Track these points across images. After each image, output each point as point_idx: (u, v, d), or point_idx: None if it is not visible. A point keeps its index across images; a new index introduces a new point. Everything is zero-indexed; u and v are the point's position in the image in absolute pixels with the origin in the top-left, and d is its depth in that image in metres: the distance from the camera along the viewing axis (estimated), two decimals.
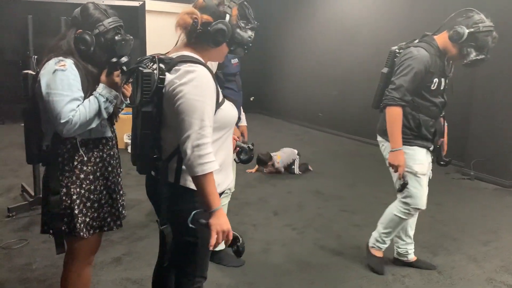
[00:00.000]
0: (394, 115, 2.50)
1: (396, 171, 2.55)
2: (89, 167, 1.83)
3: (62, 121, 1.67)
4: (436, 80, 2.52)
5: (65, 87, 1.69)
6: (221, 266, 2.83)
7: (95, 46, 1.77)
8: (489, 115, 4.98)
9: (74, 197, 1.79)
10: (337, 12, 7.63)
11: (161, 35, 8.80)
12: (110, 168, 1.92)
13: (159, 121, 1.54)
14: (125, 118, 2.88)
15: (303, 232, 3.47)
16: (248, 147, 1.94)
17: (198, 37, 1.57)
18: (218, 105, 1.55)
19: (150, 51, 9.18)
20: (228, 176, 1.69)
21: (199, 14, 1.54)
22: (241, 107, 2.83)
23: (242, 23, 1.59)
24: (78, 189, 1.80)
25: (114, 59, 1.77)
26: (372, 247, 2.85)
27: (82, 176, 1.81)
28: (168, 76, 1.49)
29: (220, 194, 1.62)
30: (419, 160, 2.58)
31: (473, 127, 5.18)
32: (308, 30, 8.19)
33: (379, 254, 2.84)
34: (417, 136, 2.57)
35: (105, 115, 1.78)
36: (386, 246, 2.81)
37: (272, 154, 5.18)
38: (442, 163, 2.78)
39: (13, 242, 3.03)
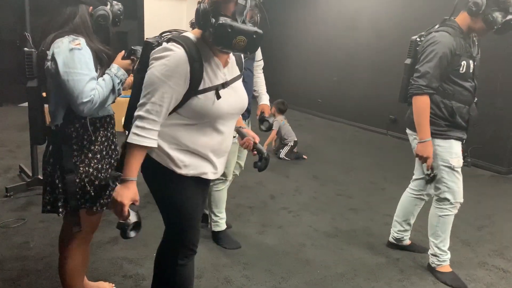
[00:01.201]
0: (422, 104, 2.39)
1: (424, 162, 2.47)
2: (97, 146, 1.84)
3: (85, 100, 1.67)
4: (464, 62, 2.40)
5: (83, 66, 1.68)
6: (218, 247, 2.86)
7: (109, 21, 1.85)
8: (487, 103, 4.97)
9: (83, 176, 1.80)
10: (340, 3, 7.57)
11: (160, 17, 8.78)
12: (113, 147, 1.94)
13: None
14: (123, 101, 2.88)
15: (298, 215, 3.50)
16: (266, 154, 1.86)
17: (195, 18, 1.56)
18: (195, 92, 1.52)
19: (148, 33, 9.15)
20: (203, 165, 1.63)
21: None
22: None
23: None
24: (86, 168, 1.81)
25: (135, 48, 1.86)
26: (439, 265, 2.63)
27: (90, 155, 1.82)
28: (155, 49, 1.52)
29: (196, 178, 1.63)
30: (456, 153, 2.48)
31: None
32: (309, 16, 8.12)
33: (447, 269, 2.62)
34: (452, 127, 2.46)
35: (117, 95, 1.83)
36: (448, 256, 2.62)
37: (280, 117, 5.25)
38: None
39: (11, 221, 3.05)
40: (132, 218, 1.53)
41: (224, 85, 1.59)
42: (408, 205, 2.81)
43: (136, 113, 1.48)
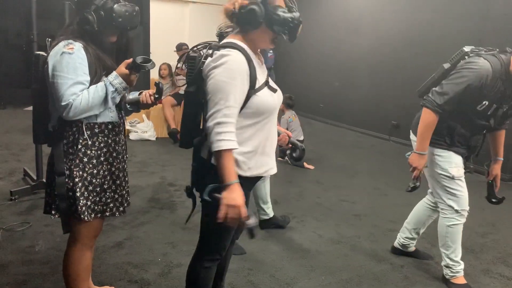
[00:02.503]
0: (430, 119, 2.34)
1: (412, 171, 2.47)
2: (93, 151, 1.83)
3: (63, 103, 1.68)
4: (486, 103, 2.29)
5: (70, 70, 1.69)
6: None
7: (98, 24, 1.75)
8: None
9: (77, 179, 1.80)
10: (340, 4, 7.59)
11: (164, 21, 8.81)
12: (115, 154, 1.92)
13: (203, 101, 1.64)
14: None
15: (302, 220, 3.50)
16: (301, 146, 2.00)
17: (238, 21, 1.64)
18: (254, 91, 1.62)
19: (154, 39, 9.18)
20: (265, 163, 1.72)
21: (239, 0, 1.63)
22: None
23: (285, 7, 1.64)
24: (80, 172, 1.81)
25: (140, 61, 1.76)
26: (453, 276, 2.59)
27: (85, 159, 1.82)
28: (207, 60, 1.60)
29: (255, 178, 1.71)
30: (455, 163, 2.45)
31: None
32: (311, 21, 8.15)
33: (462, 280, 2.58)
34: (451, 144, 2.45)
35: (111, 104, 1.79)
36: (462, 266, 2.58)
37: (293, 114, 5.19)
38: (493, 200, 2.68)
39: (16, 225, 3.06)
40: (252, 217, 1.56)
41: (267, 82, 1.71)
42: (422, 215, 2.79)
43: (212, 122, 1.53)
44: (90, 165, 1.83)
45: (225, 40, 1.67)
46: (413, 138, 2.67)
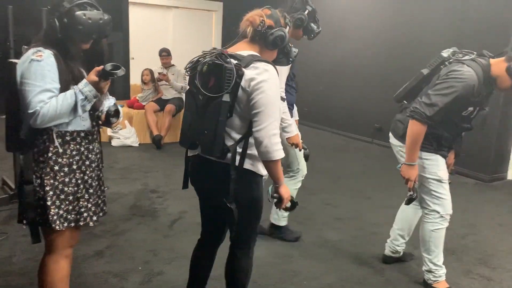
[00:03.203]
0: (419, 131, 2.32)
1: (406, 183, 2.46)
2: (65, 159, 1.80)
3: (30, 111, 1.66)
4: (471, 109, 2.34)
5: (38, 78, 1.67)
6: None
7: (62, 31, 1.72)
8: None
9: (47, 188, 1.76)
10: (324, 8, 7.64)
11: (145, 27, 8.76)
12: (88, 162, 1.89)
13: (237, 110, 1.75)
14: None
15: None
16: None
17: (261, 36, 1.82)
18: None
19: (135, 44, 9.09)
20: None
21: (265, 18, 1.82)
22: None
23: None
24: (51, 181, 1.77)
25: (109, 68, 1.71)
26: (435, 281, 2.58)
27: (56, 167, 1.78)
28: (247, 72, 1.70)
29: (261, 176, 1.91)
30: (442, 166, 2.49)
31: None
32: None
33: (444, 285, 2.58)
34: (437, 148, 2.47)
35: (80, 112, 1.75)
36: (444, 270, 2.59)
37: None
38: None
39: None
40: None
41: None
42: (411, 217, 2.79)
43: (268, 133, 1.70)
44: (62, 173, 1.80)
45: (243, 51, 1.80)
46: (393, 141, 2.68)
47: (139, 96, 6.31)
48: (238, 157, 1.79)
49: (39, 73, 1.68)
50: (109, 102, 2.00)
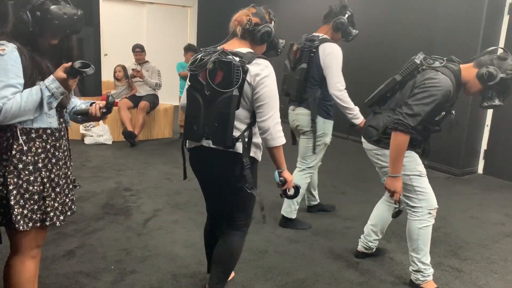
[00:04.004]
0: (403, 143, 2.30)
1: (391, 195, 2.44)
2: (29, 157, 1.74)
3: None
4: (443, 113, 2.38)
5: (0, 73, 1.60)
6: (178, 256, 2.82)
7: (33, 25, 1.66)
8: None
9: (11, 187, 1.69)
10: (300, 9, 7.66)
11: (118, 22, 8.62)
12: (54, 160, 1.82)
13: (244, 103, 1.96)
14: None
15: (260, 221, 3.49)
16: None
17: (250, 33, 2.02)
18: None
19: (108, 40, 8.92)
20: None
21: (252, 16, 2.02)
22: None
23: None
24: (15, 179, 1.71)
25: (78, 66, 1.64)
26: (424, 281, 2.55)
27: (20, 166, 1.71)
28: (251, 68, 1.90)
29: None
30: (419, 161, 2.50)
31: None
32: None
33: (432, 285, 2.56)
34: (411, 146, 2.42)
35: (46, 109, 1.69)
36: (432, 270, 2.57)
37: None
38: None
39: None
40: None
41: None
42: (387, 215, 2.80)
43: (272, 122, 1.94)
44: (26, 172, 1.73)
45: (239, 48, 2.00)
46: (367, 146, 2.65)
47: (112, 92, 6.20)
48: (246, 146, 2.00)
49: (2, 68, 1.61)
50: (80, 102, 1.96)
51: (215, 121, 1.93)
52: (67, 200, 1.91)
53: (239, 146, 1.99)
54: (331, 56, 3.11)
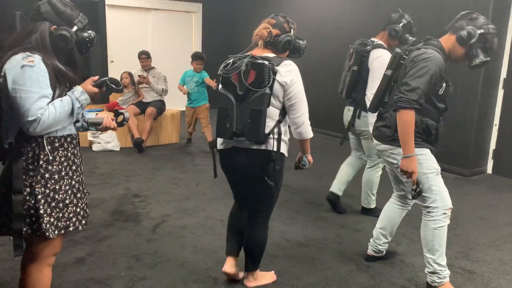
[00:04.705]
0: (409, 118, 2.32)
1: (409, 177, 2.40)
2: (54, 166, 1.78)
3: (30, 118, 1.62)
4: (444, 85, 2.41)
5: (33, 84, 1.64)
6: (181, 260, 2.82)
7: (72, 43, 1.79)
8: (450, 107, 5.13)
9: (39, 197, 1.73)
10: (301, 8, 7.67)
11: (124, 30, 8.68)
12: (74, 167, 1.88)
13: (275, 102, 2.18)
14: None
15: (269, 225, 3.47)
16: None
17: (271, 44, 2.24)
18: None
19: (113, 47, 9.00)
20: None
21: (272, 29, 2.22)
22: None
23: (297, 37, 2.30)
24: (43, 189, 1.75)
25: (113, 86, 1.87)
26: (440, 283, 2.50)
27: (47, 175, 1.76)
28: (281, 70, 2.13)
29: None
30: (434, 158, 2.48)
31: None
32: None
33: (449, 287, 2.51)
34: (425, 140, 2.46)
35: (75, 119, 1.81)
36: (448, 271, 2.52)
37: None
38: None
39: None
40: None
41: None
42: (395, 217, 2.79)
43: (304, 117, 2.23)
44: (52, 181, 1.77)
45: (266, 54, 2.21)
46: (381, 148, 2.61)
47: (119, 99, 6.24)
48: (276, 143, 2.20)
49: (35, 79, 1.65)
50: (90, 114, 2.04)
51: (248, 118, 2.13)
52: (84, 205, 1.96)
53: (269, 143, 2.20)
54: (378, 60, 3.29)
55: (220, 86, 2.26)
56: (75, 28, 1.81)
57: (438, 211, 2.46)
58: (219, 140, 2.34)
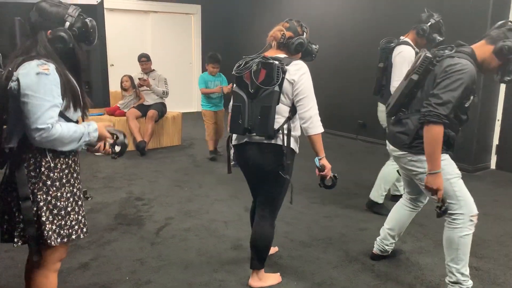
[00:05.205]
0: (438, 134, 2.18)
1: (433, 194, 2.28)
2: (56, 174, 1.77)
3: (40, 126, 1.61)
4: (472, 97, 2.28)
5: (47, 92, 1.63)
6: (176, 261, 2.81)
7: (72, 41, 1.76)
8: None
9: (41, 204, 1.73)
10: (302, 7, 7.66)
11: (123, 33, 8.68)
12: (75, 175, 1.87)
13: (284, 98, 2.27)
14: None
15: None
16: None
17: (284, 46, 2.35)
18: None
19: (113, 51, 9.00)
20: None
21: (285, 31, 2.34)
22: None
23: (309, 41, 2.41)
24: (44, 196, 1.74)
25: (125, 140, 1.99)
26: None
27: (48, 182, 1.75)
28: (290, 68, 2.22)
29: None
30: (454, 164, 2.38)
31: None
32: (273, 26, 8.19)
33: None
34: (446, 149, 2.35)
35: (76, 148, 1.78)
36: (471, 282, 2.41)
37: None
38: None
39: None
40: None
41: None
42: (405, 219, 2.76)
43: (312, 112, 2.27)
44: (54, 188, 1.76)
45: (277, 55, 2.31)
46: (399, 153, 2.47)
47: (120, 103, 6.23)
48: (285, 138, 2.27)
49: (48, 88, 1.64)
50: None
51: (258, 114, 2.23)
52: (84, 212, 1.95)
53: (279, 138, 2.28)
54: (400, 56, 3.38)
55: (234, 85, 2.39)
56: (67, 24, 1.76)
57: (464, 218, 2.33)
58: (233, 136, 2.46)
